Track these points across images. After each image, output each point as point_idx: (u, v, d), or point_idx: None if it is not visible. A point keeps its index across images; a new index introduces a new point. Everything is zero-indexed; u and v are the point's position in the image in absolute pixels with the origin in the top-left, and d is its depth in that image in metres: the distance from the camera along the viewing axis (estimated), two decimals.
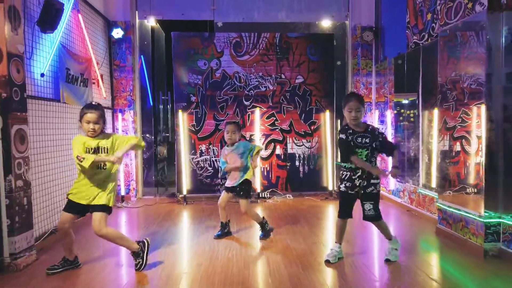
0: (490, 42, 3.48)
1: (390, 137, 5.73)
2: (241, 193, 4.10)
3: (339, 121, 6.58)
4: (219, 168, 6.26)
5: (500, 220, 3.47)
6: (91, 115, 3.12)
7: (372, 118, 6.48)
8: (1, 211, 3.24)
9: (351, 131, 3.31)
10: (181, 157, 6.16)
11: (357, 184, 3.31)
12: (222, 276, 3.12)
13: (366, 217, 3.38)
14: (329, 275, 3.17)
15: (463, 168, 4.00)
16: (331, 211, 5.49)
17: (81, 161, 3.01)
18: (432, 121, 5.01)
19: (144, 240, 3.39)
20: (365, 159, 3.29)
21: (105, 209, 3.19)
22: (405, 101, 5.95)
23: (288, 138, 6.36)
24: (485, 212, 3.49)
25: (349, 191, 3.35)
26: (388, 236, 3.47)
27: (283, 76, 6.30)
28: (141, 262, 3.27)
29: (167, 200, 6.18)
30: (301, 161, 6.40)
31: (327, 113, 6.34)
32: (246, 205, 4.11)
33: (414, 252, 3.71)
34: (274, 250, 3.72)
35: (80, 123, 3.18)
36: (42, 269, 3.28)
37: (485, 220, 3.48)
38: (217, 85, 6.22)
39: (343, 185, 3.39)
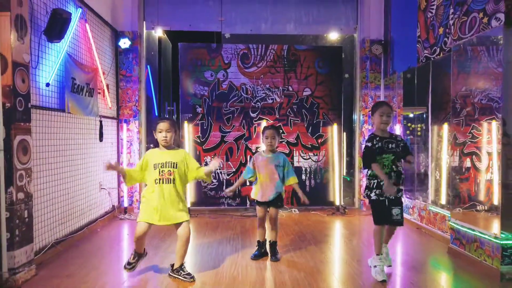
0: (508, 57, 3.38)
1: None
2: (278, 203, 3.90)
3: (345, 134, 6.49)
4: (223, 181, 6.16)
5: None
6: (163, 124, 3.31)
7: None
8: (0, 224, 3.14)
9: (378, 138, 3.47)
10: None
11: None
12: None
13: (394, 222, 3.48)
14: None
15: (473, 185, 3.92)
16: (338, 226, 5.36)
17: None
18: (441, 136, 4.93)
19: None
20: (390, 164, 3.43)
21: None
22: (413, 115, 5.87)
23: (294, 151, 6.26)
24: (502, 233, 3.35)
25: (380, 198, 3.45)
26: (387, 241, 3.67)
27: (290, 89, 6.23)
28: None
29: None
30: (308, 175, 6.29)
31: (335, 126, 6.24)
32: (277, 215, 3.93)
33: (425, 272, 3.58)
34: (280, 269, 3.59)
35: (155, 134, 3.38)
36: (41, 285, 3.17)
37: (501, 242, 3.34)
38: (224, 97, 6.15)
39: (373, 193, 3.48)
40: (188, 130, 6.10)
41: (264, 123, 6.11)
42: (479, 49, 3.75)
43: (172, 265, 3.42)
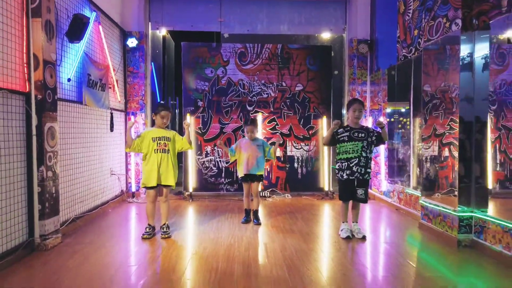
0: (463, 58, 3.95)
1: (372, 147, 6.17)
2: (260, 178, 4.89)
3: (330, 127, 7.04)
4: (222, 168, 6.74)
5: (472, 214, 3.92)
6: (165, 113, 4.27)
7: (367, 124, 6.94)
8: (33, 197, 3.73)
9: (348, 128, 4.22)
10: (188, 158, 6.64)
11: (355, 170, 4.14)
12: (225, 257, 3.58)
13: (357, 199, 4.24)
14: (319, 258, 3.62)
15: (452, 172, 4.32)
16: (326, 208, 5.94)
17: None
18: (421, 128, 5.46)
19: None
20: (360, 150, 4.13)
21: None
22: (397, 109, 6.44)
23: (288, 142, 6.83)
24: (458, 206, 3.94)
25: (350, 177, 4.15)
26: (357, 219, 4.35)
27: (284, 84, 6.79)
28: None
29: (174, 198, 6.64)
30: (300, 163, 6.86)
31: (324, 119, 6.81)
32: (258, 188, 4.89)
33: (399, 244, 4.16)
34: (271, 239, 4.18)
35: (154, 115, 4.33)
36: (66, 250, 3.76)
37: (459, 214, 3.93)
38: (223, 92, 6.72)
39: (345, 173, 4.17)
40: (191, 122, 6.67)
41: (260, 116, 6.68)
42: (448, 48, 4.26)
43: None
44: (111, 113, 5.86)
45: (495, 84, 3.83)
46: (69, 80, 4.50)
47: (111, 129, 5.88)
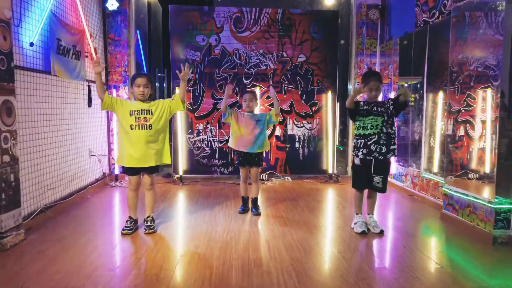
0: (508, 24, 3.28)
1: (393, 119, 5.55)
2: (256, 159, 4.16)
3: (338, 102, 6.38)
4: (216, 149, 6.08)
5: None
6: (141, 79, 3.46)
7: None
8: None
9: (366, 102, 3.60)
10: (177, 137, 5.96)
11: (374, 149, 3.49)
12: (220, 259, 2.97)
13: (375, 188, 3.62)
14: (331, 258, 3.03)
15: (466, 153, 3.91)
16: (331, 194, 5.35)
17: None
18: (437, 103, 4.86)
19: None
20: (380, 125, 3.48)
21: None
22: (409, 83, 5.77)
23: (288, 119, 6.17)
24: (496, 197, 3.35)
25: (367, 157, 3.51)
26: (372, 211, 3.74)
27: (284, 54, 6.07)
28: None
29: (163, 181, 6.00)
30: (301, 143, 6.23)
31: (329, 94, 6.13)
32: (258, 173, 4.24)
33: (418, 236, 3.59)
34: (274, 234, 3.57)
35: (131, 88, 3.56)
36: (29, 250, 3.12)
37: (495, 206, 3.34)
38: (216, 62, 5.99)
39: (360, 152, 3.55)
40: None
41: (257, 90, 5.98)
42: (481, 14, 3.62)
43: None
44: (89, 86, 5.13)
45: None
46: (31, 44, 3.74)
47: (89, 104, 5.16)
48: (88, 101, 5.13)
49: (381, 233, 3.58)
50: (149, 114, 3.47)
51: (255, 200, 4.25)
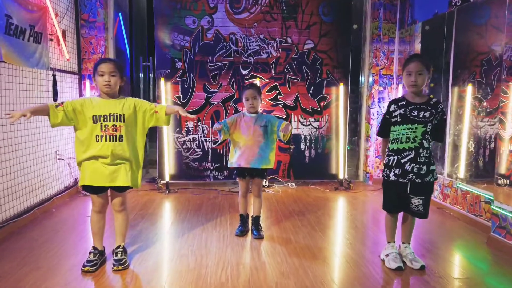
0: None
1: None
2: (264, 172, 3.37)
3: (347, 97, 5.54)
4: (209, 150, 5.22)
5: None
6: (105, 65, 2.59)
7: (394, 95, 5.47)
8: None
9: (404, 103, 2.71)
10: (163, 136, 5.09)
11: (409, 169, 2.67)
12: None
13: (412, 212, 2.79)
14: None
15: (496, 156, 3.33)
16: (343, 205, 4.53)
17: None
18: (464, 99, 4.14)
19: None
20: (420, 137, 2.64)
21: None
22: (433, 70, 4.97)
23: (293, 116, 5.32)
24: None
25: (400, 180, 2.70)
26: (409, 239, 2.91)
27: (289, 40, 5.20)
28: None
29: (147, 187, 5.13)
30: (307, 144, 5.39)
31: (341, 87, 5.28)
32: (261, 186, 3.43)
33: (459, 265, 2.79)
34: (283, 271, 2.73)
35: (94, 80, 2.67)
36: None
37: None
38: (209, 49, 5.10)
39: (392, 172, 2.72)
40: (166, 89, 5.07)
41: (257, 82, 5.11)
42: None
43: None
44: (54, 76, 4.24)
45: None
46: None
47: (55, 97, 4.27)
48: (54, 94, 4.24)
49: (422, 268, 2.75)
50: (120, 121, 2.61)
51: (256, 220, 3.42)
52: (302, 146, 5.38)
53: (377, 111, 5.47)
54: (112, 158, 2.60)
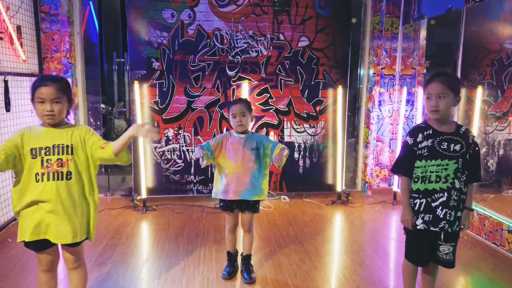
0: None
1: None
2: (255, 205, 2.82)
3: (346, 100, 5.01)
4: (191, 161, 4.66)
5: None
6: (46, 90, 1.95)
7: (396, 98, 4.96)
8: None
9: (430, 132, 2.18)
10: (138, 146, 4.48)
11: (442, 216, 2.15)
12: None
13: (439, 261, 2.29)
14: None
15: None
16: (344, 226, 4.05)
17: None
18: (474, 102, 3.89)
19: None
20: (452, 176, 2.13)
21: None
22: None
23: (285, 122, 4.77)
24: None
25: (431, 228, 2.19)
26: None
27: (281, 37, 4.60)
28: None
29: (122, 203, 4.56)
30: (301, 153, 4.86)
31: (339, 89, 4.72)
32: (252, 220, 2.87)
33: None
34: None
35: (32, 105, 2.01)
36: None
37: None
38: (190, 47, 4.47)
39: (420, 218, 2.20)
40: (141, 94, 4.45)
41: (246, 85, 4.53)
42: None
43: None
44: (5, 81, 3.58)
45: None
46: None
47: (7, 107, 3.62)
48: (6, 103, 3.60)
49: None
50: (67, 153, 2.01)
51: (247, 259, 2.89)
52: (296, 155, 4.85)
53: (377, 115, 4.97)
54: (56, 203, 1.99)
